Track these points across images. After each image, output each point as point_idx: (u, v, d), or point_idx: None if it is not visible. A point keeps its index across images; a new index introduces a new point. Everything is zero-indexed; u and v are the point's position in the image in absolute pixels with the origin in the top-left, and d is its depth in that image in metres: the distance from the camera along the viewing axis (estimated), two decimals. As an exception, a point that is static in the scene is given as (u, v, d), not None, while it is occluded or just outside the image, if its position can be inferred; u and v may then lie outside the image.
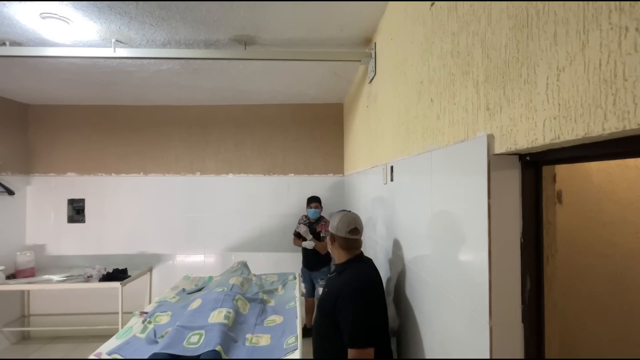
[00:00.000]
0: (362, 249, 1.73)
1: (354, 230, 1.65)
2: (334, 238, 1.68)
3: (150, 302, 3.74)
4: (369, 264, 1.69)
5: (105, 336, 2.15)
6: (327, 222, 3.55)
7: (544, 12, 0.68)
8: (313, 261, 3.53)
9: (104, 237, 4.00)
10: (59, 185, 4.00)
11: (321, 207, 3.59)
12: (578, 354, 1.50)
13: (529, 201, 0.88)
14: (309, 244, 3.41)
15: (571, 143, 0.65)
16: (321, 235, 3.49)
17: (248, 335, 1.95)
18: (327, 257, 3.50)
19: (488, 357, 0.87)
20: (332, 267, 1.90)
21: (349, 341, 1.42)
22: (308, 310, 3.60)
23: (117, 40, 2.25)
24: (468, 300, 0.98)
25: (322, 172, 4.11)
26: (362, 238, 1.73)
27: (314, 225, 3.55)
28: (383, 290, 1.62)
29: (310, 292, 3.60)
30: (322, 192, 4.04)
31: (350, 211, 1.77)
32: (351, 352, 1.41)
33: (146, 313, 2.21)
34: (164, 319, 2.15)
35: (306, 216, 3.63)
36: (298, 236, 3.61)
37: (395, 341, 1.81)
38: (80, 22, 2.03)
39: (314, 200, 3.56)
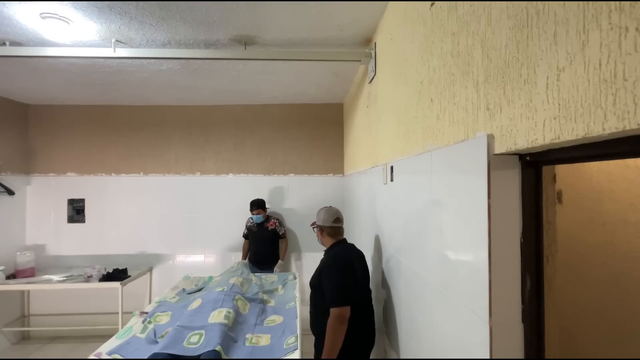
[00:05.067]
0: (345, 236, 2.12)
1: (336, 219, 2.04)
2: (322, 229, 2.05)
3: (150, 302, 3.74)
4: (350, 247, 2.06)
5: (105, 336, 2.15)
6: (276, 220, 3.74)
7: (544, 12, 0.68)
8: (263, 257, 3.67)
9: (104, 237, 4.00)
10: (59, 185, 4.00)
11: (264, 211, 3.63)
12: (578, 354, 1.50)
13: (529, 201, 0.88)
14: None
15: (571, 143, 0.65)
16: (279, 232, 3.72)
17: (248, 335, 1.95)
18: (276, 257, 3.72)
19: (488, 357, 0.87)
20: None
21: (329, 302, 1.77)
22: None
23: (117, 40, 2.25)
24: (468, 300, 0.98)
25: (322, 172, 4.11)
26: (361, 237, 1.97)
27: (265, 224, 3.67)
28: (362, 266, 1.99)
29: None
30: (322, 192, 4.05)
31: (331, 206, 2.15)
32: (332, 311, 1.74)
33: (146, 313, 2.21)
34: (164, 319, 2.15)
35: (251, 218, 3.71)
36: (247, 237, 3.79)
37: (395, 342, 1.81)
38: (80, 22, 2.03)
39: (255, 208, 3.59)
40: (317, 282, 1.90)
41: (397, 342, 1.79)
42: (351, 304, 1.77)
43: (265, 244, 3.69)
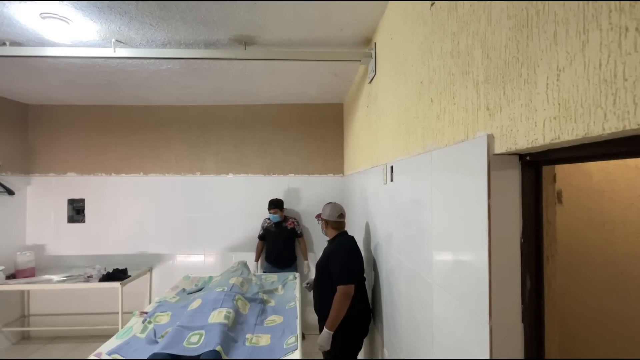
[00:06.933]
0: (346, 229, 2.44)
1: (340, 215, 2.37)
2: (327, 223, 2.37)
3: (150, 302, 3.74)
4: (351, 238, 2.36)
5: (105, 336, 2.15)
6: (294, 220, 3.80)
7: (544, 12, 0.68)
8: (284, 257, 3.70)
9: (104, 237, 4.00)
10: (59, 185, 4.00)
11: (281, 211, 3.68)
12: (578, 354, 1.50)
13: (529, 201, 0.88)
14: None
15: (571, 143, 0.65)
16: (297, 231, 3.79)
17: (248, 335, 1.95)
18: (294, 256, 3.79)
19: (488, 357, 0.87)
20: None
21: (338, 280, 2.09)
22: None
23: (117, 40, 2.25)
24: (468, 300, 0.98)
25: (322, 172, 4.11)
26: (361, 237, 2.45)
27: (283, 223, 3.73)
28: (360, 254, 2.30)
29: None
30: (322, 192, 4.05)
31: (336, 203, 2.47)
32: (339, 288, 2.07)
33: (146, 313, 2.21)
34: (164, 319, 2.15)
35: (268, 218, 3.76)
36: (262, 238, 3.82)
37: (396, 341, 1.81)
38: (80, 22, 2.03)
39: (272, 207, 3.65)
40: (324, 265, 2.20)
41: (397, 342, 1.79)
42: (355, 283, 2.10)
43: (284, 243, 3.72)
